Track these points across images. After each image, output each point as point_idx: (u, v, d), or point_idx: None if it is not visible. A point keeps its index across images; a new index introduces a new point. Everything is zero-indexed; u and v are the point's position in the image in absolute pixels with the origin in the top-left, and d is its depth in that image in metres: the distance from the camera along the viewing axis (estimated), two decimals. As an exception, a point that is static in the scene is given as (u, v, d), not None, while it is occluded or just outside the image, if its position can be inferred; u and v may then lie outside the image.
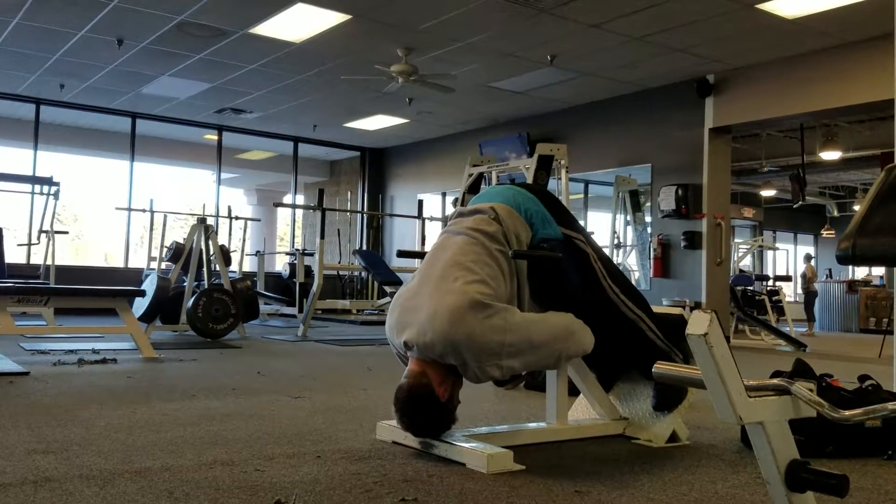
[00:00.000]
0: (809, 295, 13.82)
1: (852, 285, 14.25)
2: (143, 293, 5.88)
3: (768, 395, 1.54)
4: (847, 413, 1.51)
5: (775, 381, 1.58)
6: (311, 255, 9.55)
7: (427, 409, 2.27)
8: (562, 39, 7.52)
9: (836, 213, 17.54)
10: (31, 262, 10.30)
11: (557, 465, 2.27)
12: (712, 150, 8.69)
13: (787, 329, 9.66)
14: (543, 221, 2.43)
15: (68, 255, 17.71)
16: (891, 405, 1.61)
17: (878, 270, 15.91)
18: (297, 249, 11.10)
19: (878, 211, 1.48)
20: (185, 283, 6.99)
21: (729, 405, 1.46)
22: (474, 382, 2.33)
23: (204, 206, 10.58)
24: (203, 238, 7.00)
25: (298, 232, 15.11)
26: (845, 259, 1.48)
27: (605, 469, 2.22)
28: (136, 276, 10.32)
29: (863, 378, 2.73)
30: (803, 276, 14.17)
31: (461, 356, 2.19)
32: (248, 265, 11.92)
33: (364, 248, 13.28)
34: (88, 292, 5.44)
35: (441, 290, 2.24)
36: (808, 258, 14.83)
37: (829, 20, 6.85)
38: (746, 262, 14.48)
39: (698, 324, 1.44)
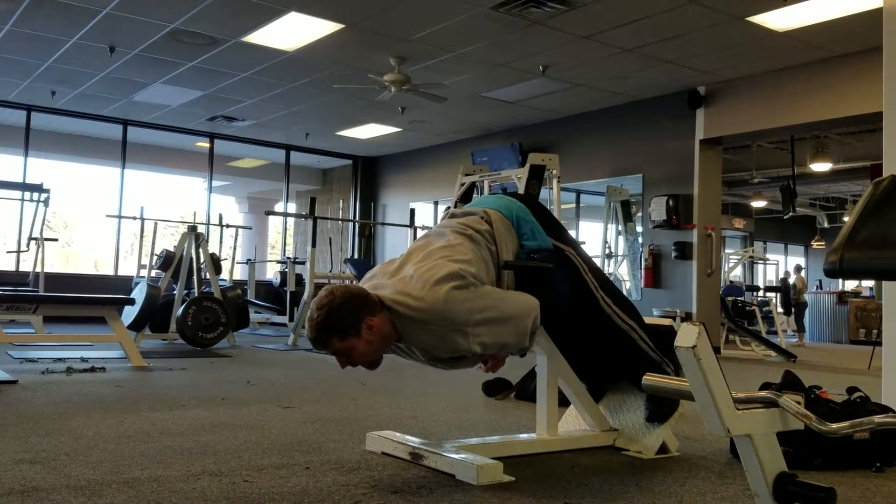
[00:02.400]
0: (799, 306, 13.88)
1: (842, 296, 14.31)
2: (132, 301, 5.86)
3: (756, 407, 1.54)
4: (835, 426, 1.52)
5: (763, 393, 1.59)
6: (303, 263, 9.53)
7: (345, 310, 2.11)
8: (554, 50, 7.55)
9: (826, 225, 17.64)
10: (21, 269, 10.26)
11: (547, 476, 2.27)
12: (703, 160, 8.73)
13: (778, 340, 9.70)
14: (533, 233, 2.42)
15: (58, 262, 17.62)
16: (878, 418, 1.62)
17: (868, 282, 15.98)
18: (289, 258, 11.08)
19: (865, 224, 1.49)
20: (174, 292, 6.96)
21: (717, 417, 1.46)
22: (433, 360, 2.26)
23: (195, 213, 10.56)
24: (193, 246, 6.98)
25: (290, 240, 15.10)
26: (833, 272, 1.48)
27: (595, 481, 2.22)
28: (126, 284, 10.28)
29: (851, 390, 2.74)
30: (793, 286, 14.23)
31: (432, 324, 2.13)
32: (239, 273, 11.90)
33: (355, 256, 13.27)
34: (78, 300, 5.41)
35: (424, 262, 2.23)
36: (798, 269, 14.89)
37: (819, 33, 6.90)
38: (737, 273, 14.54)
39: (687, 336, 1.44)
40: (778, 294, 13.50)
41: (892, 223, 1.44)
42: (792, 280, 14.11)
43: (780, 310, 12.89)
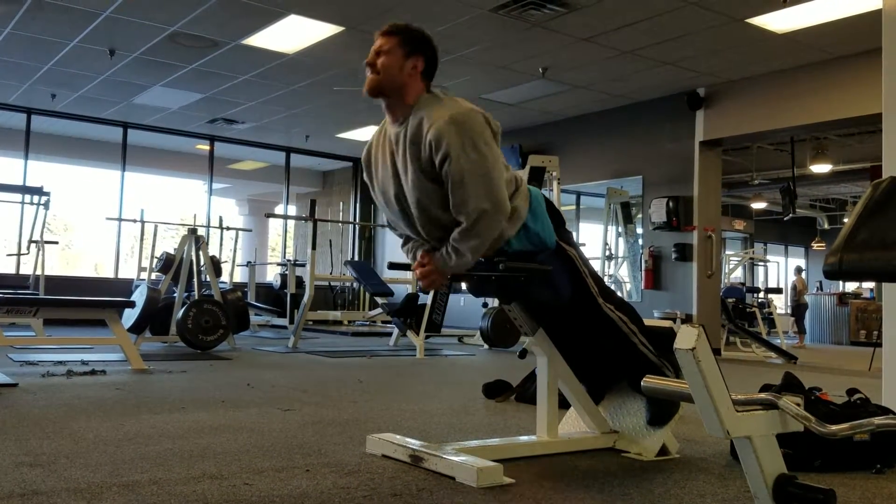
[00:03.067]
0: (800, 307, 13.87)
1: (843, 298, 14.31)
2: (132, 304, 5.86)
3: (756, 409, 1.54)
4: (834, 427, 1.53)
5: (763, 395, 1.59)
6: (303, 265, 9.54)
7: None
8: (554, 52, 7.55)
9: (826, 226, 17.64)
10: (21, 272, 10.26)
11: (548, 478, 2.27)
12: (703, 162, 8.74)
13: (778, 341, 9.69)
14: (543, 219, 2.43)
15: (58, 265, 17.63)
16: (878, 419, 1.62)
17: (869, 283, 15.97)
18: (289, 260, 11.09)
19: (864, 226, 1.49)
20: (175, 294, 6.96)
21: (717, 419, 1.46)
22: (409, 163, 2.43)
23: (195, 216, 10.55)
24: (194, 249, 6.98)
25: (290, 242, 15.10)
26: (832, 274, 1.49)
27: (595, 483, 2.22)
28: (126, 286, 10.27)
29: (851, 392, 2.74)
30: (793, 288, 14.23)
31: (446, 111, 2.31)
32: (239, 276, 11.89)
33: (356, 258, 13.28)
34: (78, 303, 5.41)
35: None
36: (798, 270, 14.89)
37: (819, 35, 6.91)
38: (738, 274, 14.53)
39: (686, 338, 1.45)
40: (773, 294, 13.47)
41: (892, 225, 1.45)
42: (793, 281, 14.11)
43: (781, 311, 12.88)
